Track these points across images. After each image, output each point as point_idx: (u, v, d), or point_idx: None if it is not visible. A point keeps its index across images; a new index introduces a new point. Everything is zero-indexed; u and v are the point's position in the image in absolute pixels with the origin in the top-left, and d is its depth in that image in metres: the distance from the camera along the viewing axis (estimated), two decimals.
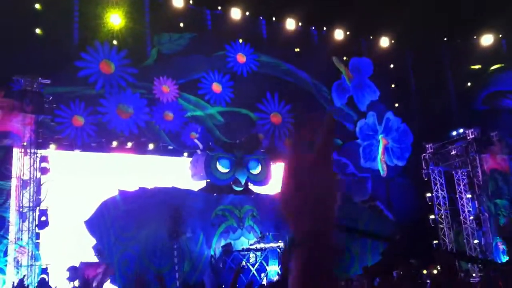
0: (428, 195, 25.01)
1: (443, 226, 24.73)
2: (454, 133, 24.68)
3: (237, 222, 20.89)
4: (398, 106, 27.95)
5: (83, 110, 20.56)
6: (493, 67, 26.93)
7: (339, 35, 27.08)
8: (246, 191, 22.01)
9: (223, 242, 20.27)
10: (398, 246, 19.10)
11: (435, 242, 24.15)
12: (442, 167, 24.97)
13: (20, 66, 18.53)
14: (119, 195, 18.55)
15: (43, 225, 17.19)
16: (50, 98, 19.29)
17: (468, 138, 23.77)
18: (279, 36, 25.90)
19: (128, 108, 21.53)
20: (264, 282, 17.93)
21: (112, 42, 21.92)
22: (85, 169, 19.98)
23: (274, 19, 26.29)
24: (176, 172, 21.80)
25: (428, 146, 25.05)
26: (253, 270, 19.25)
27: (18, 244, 16.56)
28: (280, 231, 20.78)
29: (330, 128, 1.12)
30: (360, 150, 26.02)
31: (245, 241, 20.77)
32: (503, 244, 22.71)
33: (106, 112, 21.09)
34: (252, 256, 19.52)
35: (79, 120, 20.46)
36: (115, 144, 21.04)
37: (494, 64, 26.85)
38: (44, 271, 16.72)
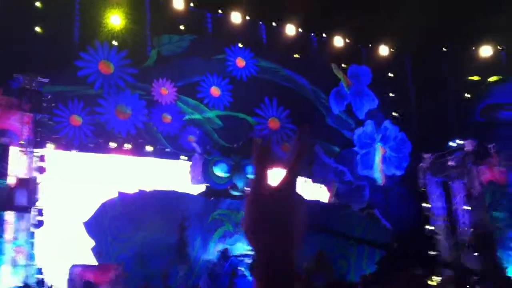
0: (425, 205, 25.05)
1: (440, 237, 24.74)
2: (452, 143, 24.73)
3: (233, 227, 20.79)
4: (396, 114, 27.96)
5: (81, 110, 20.43)
6: (491, 78, 27.02)
7: (338, 42, 27.09)
8: (244, 196, 21.89)
9: (220, 247, 20.17)
10: (395, 255, 19.07)
11: (432, 252, 24.14)
12: (440, 177, 25.01)
13: (19, 64, 18.38)
14: (119, 197, 18.44)
15: (38, 224, 17.02)
16: (48, 97, 19.12)
17: (465, 149, 23.82)
18: (278, 41, 25.87)
19: (126, 109, 21.42)
20: None
21: (112, 42, 21.82)
22: (82, 169, 19.80)
23: (274, 24, 26.25)
24: (174, 175, 21.66)
25: (426, 156, 25.08)
26: (248, 276, 19.15)
27: (14, 243, 16.37)
28: None
29: (301, 150, 1.13)
30: (358, 158, 26.01)
31: (242, 246, 20.65)
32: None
33: (104, 112, 20.97)
34: (249, 262, 19.42)
35: (77, 119, 20.32)
36: (113, 145, 20.89)
37: (492, 76, 26.94)
38: (39, 271, 16.58)
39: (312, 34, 27.33)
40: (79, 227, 17.51)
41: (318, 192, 24.27)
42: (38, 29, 20.34)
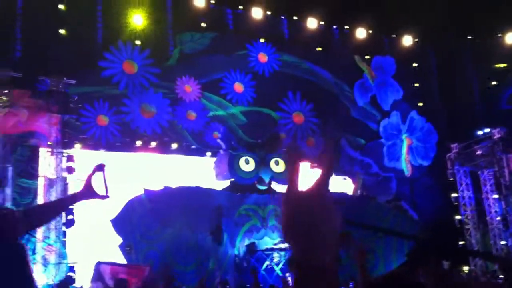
0: (454, 195, 24.73)
1: (469, 227, 24.43)
2: (480, 132, 24.34)
3: (260, 222, 20.85)
4: (422, 105, 27.67)
5: (107, 110, 20.75)
6: None
7: (361, 33, 26.89)
8: (270, 191, 21.95)
9: (247, 242, 20.25)
10: (425, 246, 18.87)
11: (461, 243, 23.87)
12: (468, 167, 24.65)
13: (45, 67, 18.72)
14: (145, 194, 18.63)
15: (70, 223, 17.29)
16: (75, 98, 19.42)
17: (494, 138, 23.41)
18: (300, 35, 25.82)
19: (151, 108, 21.64)
20: (290, 280, 17.84)
21: (134, 42, 22.05)
22: (109, 168, 20.02)
23: (295, 18, 26.19)
24: (200, 172, 21.80)
25: (453, 146, 24.74)
26: (277, 270, 19.20)
27: (45, 242, 16.68)
28: None
29: (327, 162, 1.22)
30: (384, 149, 25.81)
31: (269, 240, 20.72)
32: None
33: (129, 111, 21.23)
34: (276, 256, 19.47)
35: (104, 119, 20.63)
36: (139, 143, 21.15)
37: None
38: (71, 269, 16.87)
39: (334, 26, 27.18)
40: (107, 224, 17.71)
41: (342, 185, 24.18)
42: (62, 31, 20.66)
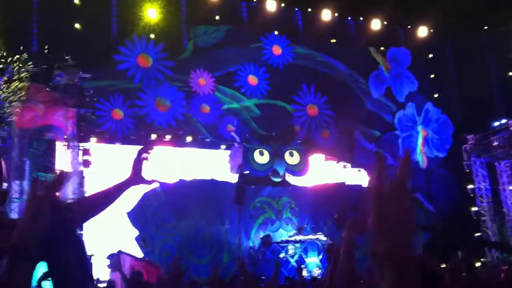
0: (470, 187, 24.57)
1: (486, 218, 24.27)
2: (497, 123, 24.11)
3: (275, 214, 20.93)
4: (438, 96, 27.46)
5: (122, 104, 20.86)
6: None
7: (376, 25, 26.69)
8: (284, 183, 21.98)
9: (262, 234, 20.32)
10: (441, 238, 18.77)
11: (477, 234, 23.72)
12: (484, 158, 24.46)
13: (61, 61, 18.87)
14: (160, 187, 18.75)
15: None
16: (91, 92, 19.58)
17: (510, 129, 23.19)
18: (315, 27, 25.71)
19: (165, 101, 21.74)
20: (304, 273, 17.86)
21: (149, 35, 22.13)
22: (125, 162, 20.18)
23: (309, 10, 26.09)
24: (214, 164, 21.90)
25: (469, 137, 24.55)
26: (292, 261, 19.24)
27: None
28: (318, 224, 20.74)
29: (405, 164, 1.36)
30: (399, 141, 25.67)
31: (283, 233, 20.77)
32: None
33: (144, 105, 21.33)
34: (291, 248, 19.51)
35: (119, 113, 20.76)
36: (154, 137, 21.26)
37: None
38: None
39: (349, 18, 27.05)
40: (123, 217, 17.87)
41: (357, 177, 24.12)
42: (77, 25, 20.81)
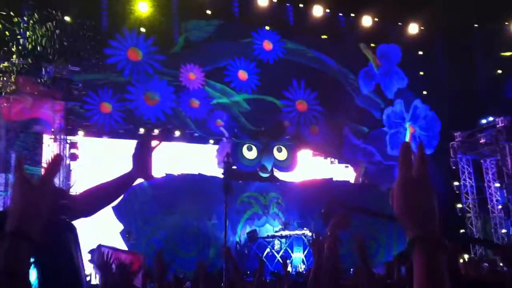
0: (456, 183, 24.77)
1: (471, 215, 24.51)
2: (484, 121, 24.31)
3: (262, 209, 21.04)
4: (426, 93, 27.60)
5: (111, 97, 20.80)
6: None
7: (367, 21, 26.75)
8: (272, 179, 22.10)
9: (248, 229, 20.45)
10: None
11: (462, 231, 23.95)
12: (471, 155, 24.67)
13: (50, 54, 18.90)
14: (147, 181, 18.76)
15: None
16: (79, 85, 19.61)
17: (497, 126, 23.40)
18: (306, 23, 25.74)
19: (155, 95, 21.73)
20: (289, 269, 18.01)
21: (139, 29, 22.08)
22: (113, 155, 20.26)
23: (301, 5, 26.12)
24: (202, 159, 21.99)
25: (456, 134, 24.73)
26: (278, 257, 19.38)
27: None
28: (305, 219, 20.87)
29: (422, 156, 1.47)
30: (387, 138, 25.80)
31: (270, 228, 20.91)
32: None
33: (133, 99, 21.29)
34: (277, 243, 19.65)
35: (107, 107, 20.73)
36: (142, 131, 21.30)
37: None
38: None
39: (340, 14, 27.09)
40: (109, 211, 17.91)
41: (344, 173, 24.29)
42: (67, 18, 20.78)
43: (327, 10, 26.31)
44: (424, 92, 27.60)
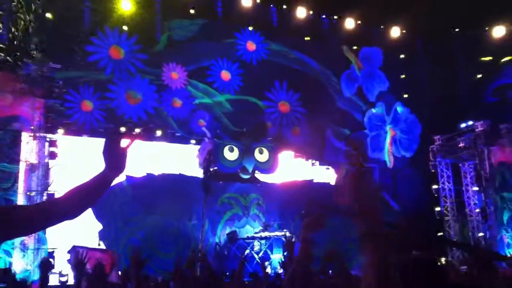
0: (435, 187, 25.00)
1: (449, 218, 24.74)
2: (463, 125, 24.55)
3: (242, 210, 21.04)
4: (407, 96, 27.81)
5: (92, 95, 20.62)
6: (504, 59, 26.65)
7: (349, 24, 26.87)
8: (253, 180, 22.10)
9: (228, 230, 20.42)
10: (404, 235, 19.06)
11: (439, 234, 24.16)
12: (450, 159, 24.90)
13: (31, 51, 18.65)
14: (127, 181, 18.68)
15: None
16: (60, 83, 19.39)
17: (476, 130, 23.65)
18: (289, 25, 25.77)
19: (137, 94, 21.59)
20: (268, 270, 18.04)
21: (122, 27, 21.90)
22: (93, 154, 20.07)
23: (285, 7, 26.14)
24: (184, 159, 21.91)
25: (436, 137, 24.95)
26: (257, 258, 19.38)
27: None
28: (286, 220, 20.91)
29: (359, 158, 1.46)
30: (368, 140, 25.94)
31: (250, 229, 20.91)
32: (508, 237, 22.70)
33: (114, 97, 21.14)
34: (257, 244, 19.65)
35: (88, 105, 20.55)
36: (123, 129, 21.12)
37: (505, 56, 26.57)
38: (50, 254, 16.93)
39: (323, 16, 27.17)
40: (87, 210, 17.73)
41: (325, 175, 24.38)
42: (49, 15, 20.52)
43: (311, 12, 26.37)
44: (405, 96, 27.82)
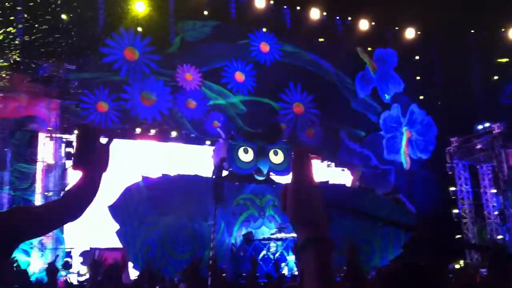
0: (452, 189, 24.79)
1: (467, 220, 24.52)
2: (480, 127, 24.35)
3: (258, 211, 20.93)
4: (423, 98, 27.62)
5: (107, 96, 20.65)
6: None
7: (364, 25, 26.76)
8: (268, 181, 22.00)
9: (244, 231, 20.32)
10: (421, 238, 18.88)
11: (457, 236, 23.94)
12: (467, 161, 24.70)
13: (46, 52, 18.70)
14: (143, 181, 18.67)
15: None
16: (75, 84, 19.42)
17: (493, 132, 23.44)
18: (303, 26, 25.71)
19: (151, 95, 21.59)
20: (285, 272, 17.91)
21: (136, 29, 21.93)
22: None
23: (298, 8, 26.07)
24: (199, 160, 21.84)
25: (453, 139, 24.76)
26: (273, 259, 19.26)
27: None
28: None
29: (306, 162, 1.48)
30: (384, 142, 25.78)
31: (266, 230, 20.79)
32: None
33: (129, 98, 21.15)
34: (273, 246, 19.53)
35: (104, 106, 20.57)
36: (138, 131, 21.16)
37: None
38: (68, 254, 16.94)
39: (337, 17, 27.07)
40: (104, 210, 17.71)
41: (340, 176, 24.24)
42: (64, 16, 20.58)
43: (324, 13, 26.28)
44: (421, 97, 27.63)
